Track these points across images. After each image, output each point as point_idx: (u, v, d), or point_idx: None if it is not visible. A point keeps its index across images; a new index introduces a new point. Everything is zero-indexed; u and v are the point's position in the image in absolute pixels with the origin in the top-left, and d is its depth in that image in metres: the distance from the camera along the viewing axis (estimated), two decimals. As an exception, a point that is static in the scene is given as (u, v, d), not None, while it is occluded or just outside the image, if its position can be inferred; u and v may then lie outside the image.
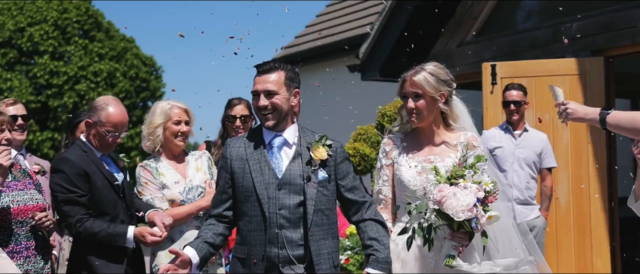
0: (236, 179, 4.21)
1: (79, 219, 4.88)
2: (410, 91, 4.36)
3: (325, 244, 4.17)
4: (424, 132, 4.46)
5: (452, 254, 4.08)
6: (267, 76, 4.19)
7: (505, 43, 9.00)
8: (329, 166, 4.21)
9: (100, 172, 5.02)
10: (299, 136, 4.26)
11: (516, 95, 7.36)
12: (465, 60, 9.26)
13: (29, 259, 4.98)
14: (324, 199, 4.18)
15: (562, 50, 8.23)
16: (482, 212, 4.05)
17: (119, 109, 5.09)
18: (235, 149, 4.26)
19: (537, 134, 7.48)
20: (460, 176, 4.13)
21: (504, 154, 7.34)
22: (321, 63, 14.99)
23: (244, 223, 4.20)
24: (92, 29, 26.74)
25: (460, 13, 9.53)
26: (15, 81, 24.85)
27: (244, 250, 4.18)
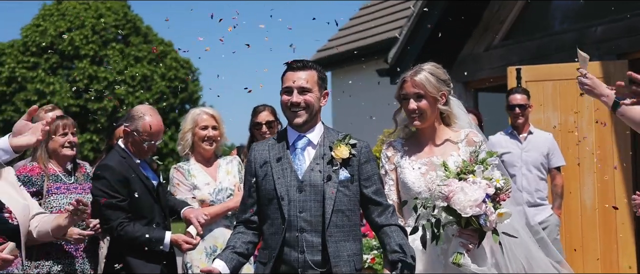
0: (260, 183, 4.13)
1: (120, 223, 5.12)
2: (411, 91, 4.30)
3: (345, 247, 4.02)
4: (424, 134, 4.42)
5: (460, 252, 4.01)
6: (301, 73, 4.11)
7: (531, 47, 9.12)
8: (352, 166, 4.08)
9: (138, 178, 5.28)
10: (323, 135, 4.15)
11: (520, 99, 7.45)
12: (493, 64, 9.41)
13: (77, 259, 5.36)
14: (345, 199, 4.04)
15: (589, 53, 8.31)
16: (491, 209, 3.97)
17: (155, 119, 5.34)
18: (260, 153, 4.19)
19: (542, 134, 7.55)
20: (470, 171, 4.05)
21: (512, 159, 7.41)
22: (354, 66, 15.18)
23: (266, 226, 4.11)
24: (131, 33, 27.20)
25: (487, 17, 9.66)
26: (57, 85, 25.36)
27: (265, 254, 4.09)
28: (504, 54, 9.35)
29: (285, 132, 4.22)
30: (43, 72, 25.70)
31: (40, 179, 5.33)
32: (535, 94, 8.00)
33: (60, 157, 5.47)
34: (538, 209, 7.37)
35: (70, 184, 5.46)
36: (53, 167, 5.45)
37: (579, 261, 7.98)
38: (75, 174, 5.54)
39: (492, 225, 4.00)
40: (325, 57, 16.15)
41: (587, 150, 7.92)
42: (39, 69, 25.78)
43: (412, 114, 4.32)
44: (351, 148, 4.08)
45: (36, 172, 5.35)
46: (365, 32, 15.42)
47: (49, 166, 5.43)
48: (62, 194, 5.38)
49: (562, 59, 8.49)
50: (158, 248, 5.11)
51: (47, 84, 25.40)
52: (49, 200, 5.33)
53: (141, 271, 5.12)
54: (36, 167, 5.38)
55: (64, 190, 5.41)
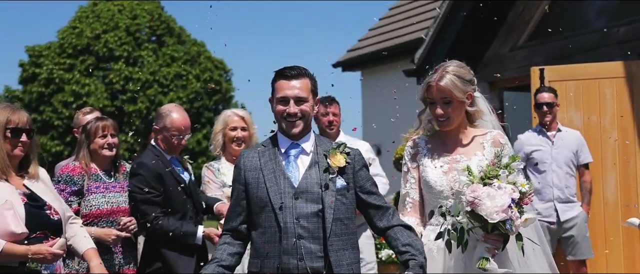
0: (250, 190, 4.02)
1: (155, 217, 5.42)
2: (438, 97, 4.20)
3: (345, 255, 3.96)
4: (449, 133, 4.32)
5: (486, 257, 3.96)
6: (296, 82, 4.02)
7: (555, 47, 9.25)
8: (348, 174, 4.02)
9: (171, 174, 5.57)
10: (315, 144, 4.08)
11: (548, 97, 7.58)
12: (517, 64, 9.55)
13: (116, 255, 5.54)
14: (342, 207, 3.98)
15: (611, 54, 8.46)
16: (516, 213, 3.91)
17: (181, 115, 5.67)
18: (249, 160, 4.08)
19: (571, 132, 7.68)
20: (494, 176, 3.97)
21: (542, 156, 7.55)
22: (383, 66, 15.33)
23: (257, 235, 4.01)
24: (164, 34, 27.56)
25: (512, 19, 9.80)
26: (92, 86, 25.77)
27: (257, 263, 3.99)
28: (528, 54, 9.49)
29: (276, 139, 4.11)
30: (79, 73, 26.07)
31: (81, 178, 5.51)
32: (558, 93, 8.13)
33: (100, 158, 5.64)
34: (568, 205, 7.53)
35: (109, 184, 5.62)
36: (94, 167, 5.63)
37: (602, 260, 8.09)
38: (116, 174, 5.71)
39: (518, 230, 3.96)
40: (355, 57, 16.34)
41: (610, 148, 8.02)
42: (75, 70, 26.15)
43: (439, 118, 4.24)
44: (346, 156, 4.02)
45: (77, 172, 5.53)
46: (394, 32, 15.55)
47: (90, 166, 5.60)
48: (101, 193, 5.55)
49: (585, 59, 8.62)
50: (191, 241, 5.38)
51: (83, 85, 25.76)
52: (88, 199, 5.49)
53: (176, 263, 5.41)
54: (78, 167, 5.57)
55: (103, 189, 5.58)
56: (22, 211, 4.26)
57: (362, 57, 16.10)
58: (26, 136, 4.41)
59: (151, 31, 27.29)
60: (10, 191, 4.29)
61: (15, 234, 4.17)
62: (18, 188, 4.36)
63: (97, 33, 26.40)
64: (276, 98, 4.02)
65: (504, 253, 4.09)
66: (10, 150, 4.38)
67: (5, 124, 4.34)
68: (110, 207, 5.53)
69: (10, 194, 4.26)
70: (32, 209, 4.32)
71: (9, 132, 4.36)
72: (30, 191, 4.40)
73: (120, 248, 5.60)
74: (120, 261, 5.58)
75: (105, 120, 5.73)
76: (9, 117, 4.37)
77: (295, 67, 4.05)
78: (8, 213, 4.17)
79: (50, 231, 4.38)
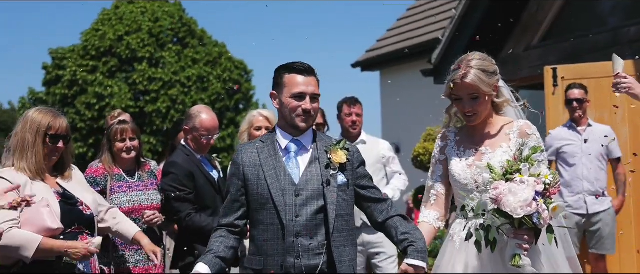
0: (250, 187, 3.99)
1: (188, 213, 5.69)
2: (464, 93, 4.11)
3: (346, 251, 3.97)
4: (477, 125, 4.23)
5: (518, 253, 3.89)
6: (311, 79, 4.01)
7: (568, 47, 9.48)
8: (348, 171, 4.01)
9: (201, 172, 5.86)
10: (314, 140, 4.06)
11: (578, 93, 7.85)
12: (531, 63, 9.79)
13: (140, 251, 5.62)
14: (343, 204, 3.97)
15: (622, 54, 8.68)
16: (543, 206, 3.83)
17: (210, 116, 5.96)
18: (248, 155, 4.04)
19: (601, 127, 7.90)
20: (516, 170, 3.91)
21: (573, 150, 7.80)
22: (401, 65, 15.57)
23: (259, 232, 3.98)
24: (186, 36, 27.86)
25: (526, 20, 10.05)
26: (116, 88, 26.10)
27: (259, 261, 3.96)
28: (542, 54, 9.74)
29: (274, 135, 4.09)
30: (102, 75, 26.24)
31: (103, 179, 5.70)
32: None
33: (120, 160, 5.82)
34: (599, 199, 7.75)
35: (132, 183, 5.78)
36: (117, 167, 5.82)
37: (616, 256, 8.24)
38: (139, 172, 5.88)
39: (547, 222, 3.88)
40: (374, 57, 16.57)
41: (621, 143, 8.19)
42: (98, 72, 26.32)
43: (466, 115, 4.17)
44: (347, 153, 4.02)
45: (100, 173, 5.73)
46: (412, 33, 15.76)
47: (113, 167, 5.78)
48: (124, 192, 5.71)
49: (597, 58, 8.84)
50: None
51: (106, 86, 25.95)
52: (111, 198, 5.64)
53: None
54: (100, 168, 5.76)
55: (125, 189, 5.74)
56: (57, 208, 4.51)
57: (380, 57, 16.30)
58: (63, 142, 4.69)
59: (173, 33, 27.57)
60: (46, 190, 4.55)
61: (52, 229, 4.44)
62: (52, 187, 4.63)
63: (119, 35, 26.65)
64: (291, 93, 3.95)
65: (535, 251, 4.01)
66: (47, 154, 4.63)
67: (46, 129, 4.60)
68: (132, 205, 5.69)
69: (46, 193, 4.52)
70: (66, 206, 4.57)
71: (48, 138, 4.60)
72: (63, 190, 4.69)
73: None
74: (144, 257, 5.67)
75: (125, 124, 5.88)
76: (51, 123, 4.58)
77: (304, 63, 4.02)
78: (44, 210, 4.43)
79: (84, 226, 4.68)
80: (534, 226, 3.86)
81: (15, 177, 4.51)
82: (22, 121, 4.63)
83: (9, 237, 4.33)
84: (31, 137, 4.56)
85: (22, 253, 4.35)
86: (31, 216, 4.41)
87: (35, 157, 4.55)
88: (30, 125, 4.58)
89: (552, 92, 8.61)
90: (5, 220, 4.33)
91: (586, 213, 7.77)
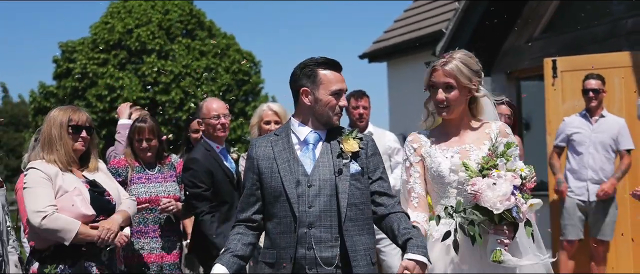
0: (264, 180, 3.99)
1: (201, 212, 5.93)
2: (441, 81, 4.10)
3: (361, 240, 3.93)
4: (452, 124, 4.23)
5: (499, 249, 3.89)
6: (341, 75, 4.04)
7: (568, 39, 9.69)
8: (361, 159, 3.99)
9: (220, 167, 6.09)
10: (326, 131, 4.04)
11: (595, 84, 8.08)
12: (533, 55, 10.01)
13: (156, 239, 6.05)
14: (357, 192, 3.94)
15: (620, 45, 8.96)
16: (521, 200, 3.87)
17: (214, 100, 6.21)
18: (262, 149, 4.05)
19: (614, 119, 8.14)
20: (492, 166, 3.94)
21: (581, 138, 8.07)
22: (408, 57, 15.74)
23: (273, 225, 3.98)
24: (195, 28, 28.06)
25: (527, 12, 10.25)
26: (126, 80, 26.23)
27: (273, 254, 3.96)
28: (543, 45, 9.95)
29: (289, 128, 4.09)
30: (112, 67, 26.36)
31: (125, 170, 6.07)
32: (569, 83, 8.62)
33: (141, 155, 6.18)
34: None
35: (151, 175, 6.12)
36: (138, 161, 6.17)
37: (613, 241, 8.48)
38: (159, 165, 6.21)
39: (526, 216, 3.91)
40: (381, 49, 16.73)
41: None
42: (109, 65, 26.43)
43: (439, 104, 4.15)
44: (359, 142, 4.01)
45: (122, 164, 6.11)
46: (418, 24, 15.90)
47: (134, 160, 6.14)
48: (142, 183, 6.07)
49: (597, 50, 9.08)
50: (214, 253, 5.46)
51: (117, 79, 26.08)
52: (131, 189, 5.97)
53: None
54: (123, 160, 6.15)
55: (144, 180, 6.09)
56: (88, 197, 4.91)
57: (387, 48, 16.44)
58: (86, 132, 5.06)
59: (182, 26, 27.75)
60: (76, 180, 4.95)
61: (86, 216, 4.83)
62: (80, 178, 5.02)
63: (129, 28, 26.82)
64: (330, 90, 3.96)
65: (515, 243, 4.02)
66: (72, 145, 5.02)
67: (67, 122, 5.00)
68: (149, 196, 6.02)
69: (76, 183, 4.93)
70: (95, 195, 4.97)
71: (70, 129, 4.99)
72: (91, 180, 5.07)
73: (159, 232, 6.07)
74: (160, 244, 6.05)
75: (143, 122, 6.18)
76: (71, 116, 5.00)
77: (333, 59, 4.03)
78: (77, 198, 4.83)
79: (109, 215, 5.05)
80: (514, 220, 3.88)
81: (46, 168, 4.89)
82: (47, 120, 5.03)
83: (52, 220, 4.72)
84: (56, 131, 4.95)
85: (63, 236, 4.73)
86: (66, 204, 4.80)
87: (64, 149, 4.95)
88: (53, 121, 4.98)
89: (552, 84, 8.83)
90: (47, 204, 4.70)
91: (588, 199, 8.03)
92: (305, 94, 3.99)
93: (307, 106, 4.00)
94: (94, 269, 4.91)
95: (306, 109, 4.02)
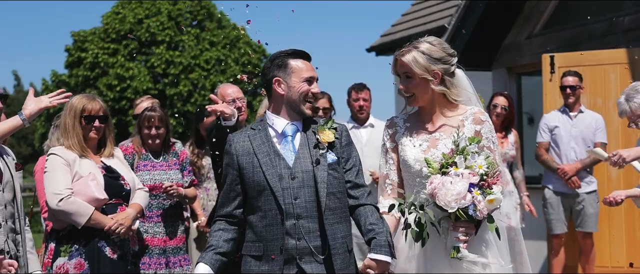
0: (245, 175, 4.01)
1: None
2: (401, 71, 4.12)
3: (339, 229, 3.99)
4: (425, 111, 4.19)
5: (457, 246, 3.90)
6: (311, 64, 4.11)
7: (567, 35, 9.89)
8: (337, 148, 4.05)
9: None
10: (305, 123, 4.11)
11: (572, 81, 8.32)
12: (533, 51, 10.21)
13: (159, 224, 6.31)
14: (335, 182, 3.99)
15: (617, 41, 9.15)
16: (479, 198, 3.84)
17: (227, 85, 6.37)
18: (240, 144, 4.07)
19: (592, 114, 8.39)
20: (452, 163, 3.91)
21: (561, 133, 8.33)
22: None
23: (257, 219, 4.00)
24: (205, 19, 28.27)
25: (528, 8, 10.43)
26: (136, 70, 26.52)
27: (259, 247, 3.98)
28: (543, 42, 10.13)
29: (266, 121, 4.13)
30: (123, 57, 26.72)
31: (131, 157, 6.31)
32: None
33: (148, 143, 6.44)
34: (583, 182, 8.25)
35: (157, 163, 6.39)
36: (145, 148, 6.43)
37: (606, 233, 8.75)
38: (165, 154, 6.46)
39: (484, 213, 3.88)
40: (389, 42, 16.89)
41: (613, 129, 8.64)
42: (119, 54, 26.79)
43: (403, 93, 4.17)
44: (335, 132, 4.07)
45: (129, 152, 6.35)
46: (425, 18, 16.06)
47: (141, 148, 6.40)
48: (147, 171, 6.33)
49: (594, 46, 9.27)
50: None
51: (127, 69, 26.43)
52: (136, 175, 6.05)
53: None
54: (130, 147, 6.39)
55: (149, 168, 6.35)
56: (102, 181, 5.25)
57: (395, 41, 16.56)
58: (99, 121, 5.34)
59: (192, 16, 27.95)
60: (92, 165, 5.29)
61: (99, 199, 5.18)
62: (97, 163, 5.33)
63: (139, 18, 27.07)
64: (302, 77, 4.03)
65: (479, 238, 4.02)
66: (85, 134, 5.31)
67: (81, 112, 5.29)
68: (153, 183, 6.28)
69: (92, 168, 5.26)
70: (109, 180, 5.30)
71: (84, 119, 5.30)
72: (107, 165, 5.35)
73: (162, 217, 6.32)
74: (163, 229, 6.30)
75: (153, 111, 6.43)
76: (85, 105, 5.32)
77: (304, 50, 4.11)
78: (92, 182, 5.17)
79: (123, 199, 5.35)
80: (471, 217, 3.87)
81: (66, 154, 5.26)
82: (66, 107, 5.36)
83: (68, 203, 5.10)
84: (70, 120, 5.29)
85: (76, 219, 5.10)
86: (81, 188, 5.16)
87: (76, 137, 5.28)
88: (69, 110, 5.32)
89: (550, 79, 9.04)
90: (65, 187, 5.06)
91: (570, 192, 8.27)
92: (278, 83, 4.06)
93: (280, 95, 4.06)
94: (106, 249, 5.21)
95: (279, 99, 4.08)
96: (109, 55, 26.84)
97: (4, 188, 4.40)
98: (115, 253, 5.28)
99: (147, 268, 6.12)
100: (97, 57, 26.72)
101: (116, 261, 5.29)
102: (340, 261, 3.96)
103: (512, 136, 8.31)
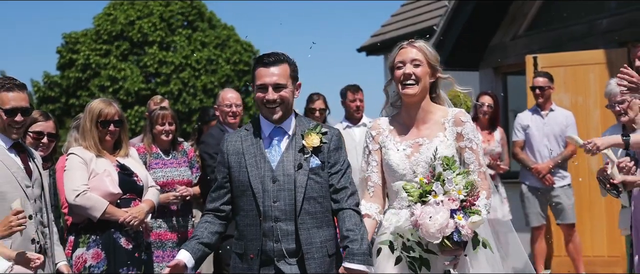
0: (233, 174, 4.09)
1: None
2: (409, 57, 4.14)
3: (318, 233, 4.01)
4: (410, 112, 4.25)
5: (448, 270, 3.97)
6: (274, 69, 4.03)
7: (550, 36, 10.34)
8: (323, 153, 4.06)
9: None
10: (296, 125, 4.13)
11: (542, 81, 8.74)
12: (518, 52, 10.64)
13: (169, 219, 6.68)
14: (316, 186, 4.03)
15: (596, 43, 9.60)
16: (461, 223, 3.85)
17: (229, 91, 7.09)
18: (232, 144, 4.14)
19: (562, 112, 8.80)
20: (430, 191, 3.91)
21: (533, 132, 8.75)
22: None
23: (240, 218, 4.09)
24: (196, 19, 28.50)
25: (513, 11, 10.87)
26: (128, 71, 26.70)
27: (241, 245, 4.08)
28: (527, 42, 10.58)
29: (258, 123, 4.16)
30: (115, 58, 26.87)
31: (143, 156, 6.65)
32: (552, 78, 9.21)
33: (159, 140, 6.82)
34: (556, 177, 8.66)
35: (167, 161, 6.78)
36: (155, 147, 6.80)
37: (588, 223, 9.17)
38: (174, 152, 6.85)
39: (469, 235, 3.91)
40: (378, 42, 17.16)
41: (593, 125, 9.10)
42: (111, 55, 26.91)
43: (407, 79, 4.15)
44: (322, 136, 4.07)
45: (141, 151, 6.69)
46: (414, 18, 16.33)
47: (152, 146, 6.78)
48: (160, 168, 6.72)
49: (575, 47, 9.69)
50: None
51: (119, 69, 26.62)
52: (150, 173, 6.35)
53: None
54: (142, 147, 6.76)
55: (161, 165, 6.74)
56: (116, 178, 5.67)
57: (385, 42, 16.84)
58: (114, 125, 5.75)
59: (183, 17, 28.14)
60: (108, 164, 5.70)
61: (113, 194, 5.60)
62: (113, 162, 5.75)
63: (131, 19, 27.16)
64: (256, 85, 4.07)
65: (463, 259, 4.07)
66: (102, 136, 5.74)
67: (97, 117, 5.70)
68: (166, 179, 6.68)
69: (107, 166, 5.68)
70: (123, 177, 5.72)
71: (99, 124, 5.71)
72: (122, 164, 5.77)
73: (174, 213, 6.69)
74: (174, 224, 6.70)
75: (166, 110, 6.86)
76: (101, 110, 5.73)
77: (273, 53, 4.09)
78: (107, 178, 5.61)
79: (136, 195, 5.77)
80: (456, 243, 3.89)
81: (84, 154, 5.68)
82: (85, 109, 5.80)
83: (85, 198, 5.53)
84: (88, 124, 5.72)
85: (92, 213, 5.52)
86: (96, 184, 5.59)
87: (92, 140, 5.69)
88: (88, 112, 5.75)
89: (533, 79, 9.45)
90: (81, 184, 5.46)
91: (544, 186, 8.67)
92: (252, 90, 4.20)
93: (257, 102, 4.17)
94: (121, 240, 5.63)
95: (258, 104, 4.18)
96: (100, 56, 26.94)
97: (33, 184, 4.80)
98: (129, 243, 5.69)
99: (161, 260, 6.50)
100: (89, 58, 26.82)
101: (131, 250, 5.70)
102: (316, 265, 4.00)
103: (498, 133, 8.73)
